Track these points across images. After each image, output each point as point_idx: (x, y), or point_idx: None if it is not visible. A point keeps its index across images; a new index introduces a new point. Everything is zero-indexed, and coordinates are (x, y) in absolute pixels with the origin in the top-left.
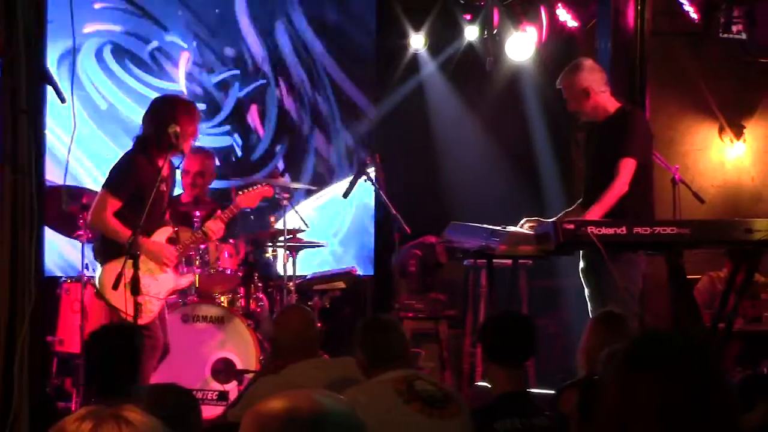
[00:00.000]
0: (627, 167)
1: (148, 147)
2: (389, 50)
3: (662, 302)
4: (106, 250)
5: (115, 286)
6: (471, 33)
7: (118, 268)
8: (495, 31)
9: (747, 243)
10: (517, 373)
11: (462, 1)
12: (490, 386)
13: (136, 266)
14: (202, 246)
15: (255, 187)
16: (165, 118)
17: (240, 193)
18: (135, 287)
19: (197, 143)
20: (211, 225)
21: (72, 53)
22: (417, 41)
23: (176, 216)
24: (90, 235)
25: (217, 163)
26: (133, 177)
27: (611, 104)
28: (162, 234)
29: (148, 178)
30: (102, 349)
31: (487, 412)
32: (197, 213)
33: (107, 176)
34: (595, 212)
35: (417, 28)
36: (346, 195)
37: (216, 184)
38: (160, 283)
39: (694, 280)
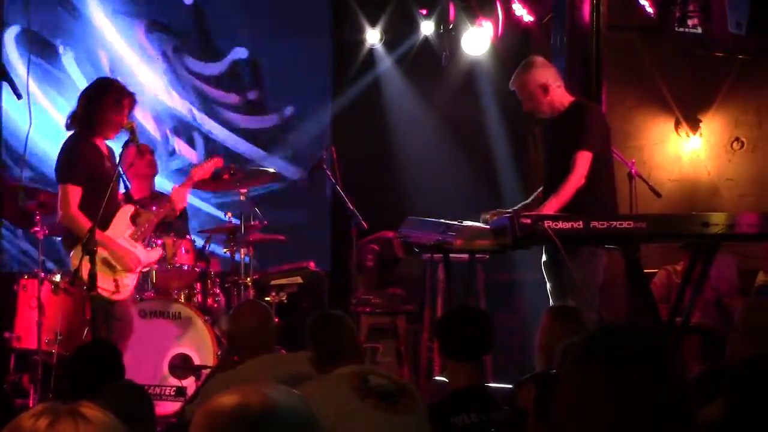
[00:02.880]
0: (583, 160)
1: (82, 128)
2: (345, 45)
3: (620, 296)
4: (71, 236)
5: (72, 282)
6: (427, 28)
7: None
8: (451, 26)
9: (703, 237)
10: (474, 367)
11: None
12: (447, 381)
13: (93, 261)
14: (159, 241)
15: (207, 161)
16: (96, 99)
17: (194, 166)
18: (92, 283)
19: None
20: (177, 191)
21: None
22: (373, 36)
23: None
24: (46, 232)
25: None
26: (80, 161)
27: (566, 98)
28: (124, 213)
29: (94, 160)
30: (89, 369)
31: (444, 406)
32: (153, 208)
33: (57, 171)
34: (552, 206)
35: (373, 23)
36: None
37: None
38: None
39: (650, 274)
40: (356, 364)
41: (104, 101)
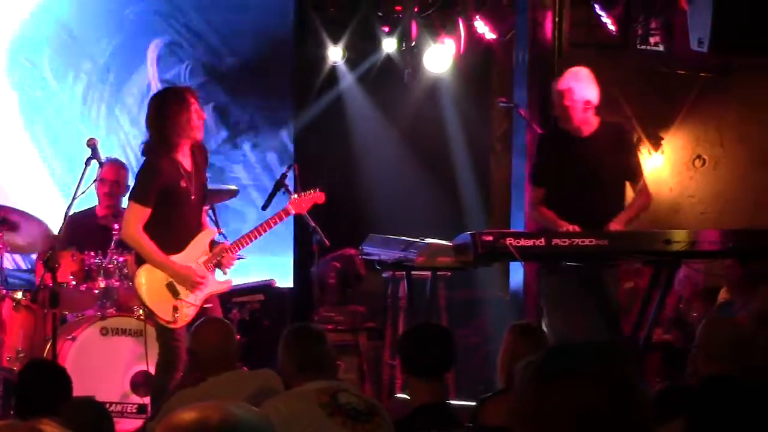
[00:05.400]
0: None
1: (159, 148)
2: (307, 62)
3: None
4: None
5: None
6: (389, 45)
7: (153, 269)
8: (413, 44)
9: (665, 254)
10: (436, 384)
11: (380, 14)
12: (409, 398)
13: (54, 279)
14: (121, 258)
15: (308, 193)
16: (158, 116)
17: (291, 198)
18: (54, 300)
19: (113, 155)
20: (260, 229)
21: None
22: (335, 53)
23: (93, 231)
24: (8, 249)
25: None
26: (153, 180)
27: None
28: (205, 237)
29: (169, 179)
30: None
31: (407, 423)
32: (116, 225)
33: (132, 186)
34: (622, 220)
35: (335, 41)
36: (264, 207)
37: None
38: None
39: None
40: (328, 379)
41: (169, 112)
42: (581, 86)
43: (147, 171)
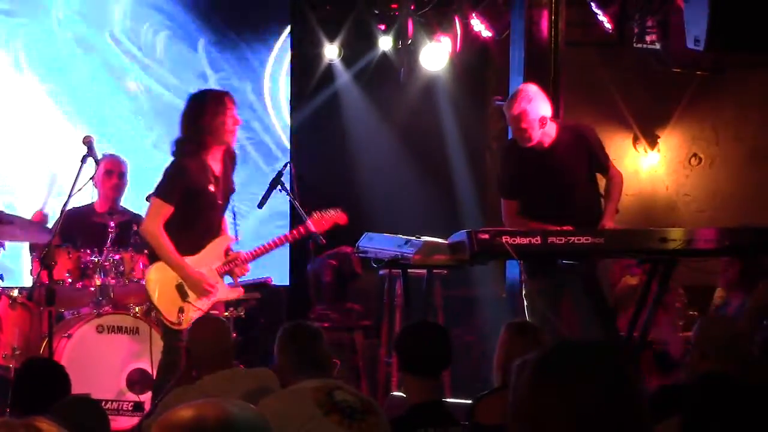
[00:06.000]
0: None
1: (190, 148)
2: (304, 60)
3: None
4: (152, 251)
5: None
6: (385, 43)
7: (165, 268)
8: (409, 42)
9: (661, 252)
10: (432, 382)
11: (376, 12)
12: (405, 396)
13: (50, 277)
14: (117, 256)
15: (329, 212)
16: (195, 116)
17: (312, 215)
18: (50, 298)
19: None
20: (276, 242)
21: None
22: (331, 51)
23: (90, 228)
24: (4, 238)
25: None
26: (180, 179)
27: (553, 128)
28: (221, 243)
29: (197, 180)
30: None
31: (402, 421)
32: (112, 223)
33: (158, 182)
34: (612, 212)
35: (331, 39)
36: (260, 205)
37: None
38: None
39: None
40: (325, 377)
41: (205, 113)
42: (534, 106)
43: (175, 169)
